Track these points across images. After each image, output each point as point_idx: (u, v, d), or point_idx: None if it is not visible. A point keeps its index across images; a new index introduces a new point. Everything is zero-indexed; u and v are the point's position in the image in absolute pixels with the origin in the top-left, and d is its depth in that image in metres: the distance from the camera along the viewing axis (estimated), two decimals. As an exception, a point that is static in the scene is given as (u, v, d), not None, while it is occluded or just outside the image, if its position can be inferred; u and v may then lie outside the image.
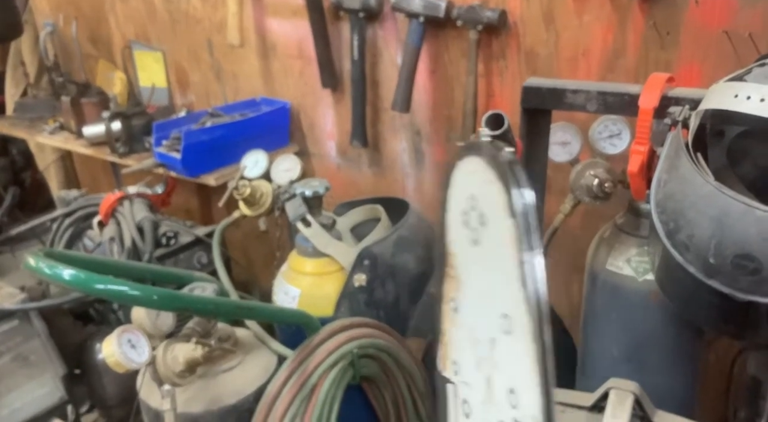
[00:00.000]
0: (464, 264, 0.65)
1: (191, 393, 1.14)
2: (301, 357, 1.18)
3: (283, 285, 1.37)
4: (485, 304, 0.61)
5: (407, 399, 1.34)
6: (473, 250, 0.61)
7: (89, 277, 0.90)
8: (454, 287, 0.68)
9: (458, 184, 0.62)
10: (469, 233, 0.61)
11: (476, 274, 0.63)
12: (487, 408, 0.63)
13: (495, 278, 0.58)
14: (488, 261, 0.59)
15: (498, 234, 0.57)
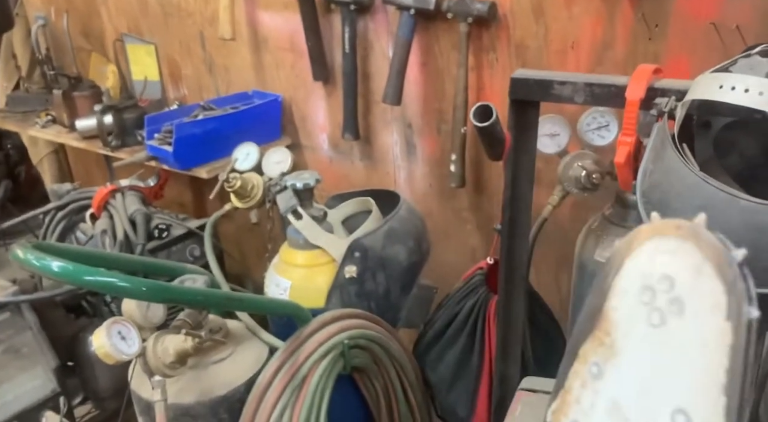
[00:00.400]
0: (627, 339, 0.59)
1: (182, 384, 1.15)
2: (291, 348, 1.19)
3: (274, 277, 1.38)
4: (651, 389, 0.56)
5: (398, 388, 1.35)
6: (649, 331, 0.56)
7: (78, 269, 0.90)
8: (602, 354, 0.62)
9: (647, 256, 0.56)
10: (649, 312, 0.56)
11: (644, 355, 0.57)
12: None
13: (677, 370, 0.54)
14: (671, 351, 0.54)
15: (700, 331, 0.52)
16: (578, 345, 0.65)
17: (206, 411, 1.13)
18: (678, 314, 0.53)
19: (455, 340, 1.35)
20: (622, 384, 0.58)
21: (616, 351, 0.60)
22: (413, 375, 1.39)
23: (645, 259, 0.55)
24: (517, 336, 1.24)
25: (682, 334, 0.53)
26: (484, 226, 1.68)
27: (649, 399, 0.55)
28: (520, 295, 1.21)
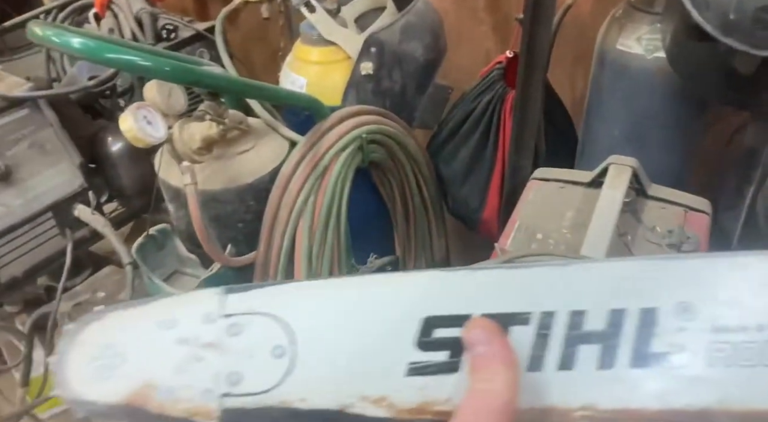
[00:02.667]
0: None
1: (209, 172, 1.19)
2: (312, 141, 1.21)
3: (289, 76, 1.37)
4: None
5: (412, 183, 1.41)
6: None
7: (100, 45, 0.89)
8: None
9: None
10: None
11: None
12: None
13: None
14: None
15: None
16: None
17: (234, 197, 1.19)
18: None
19: (470, 136, 1.38)
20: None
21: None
22: (428, 172, 1.44)
23: None
24: (532, 129, 1.26)
25: None
26: (500, 28, 1.63)
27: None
28: (539, 88, 1.21)
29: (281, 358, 0.40)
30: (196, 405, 0.40)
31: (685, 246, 1.07)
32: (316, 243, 1.19)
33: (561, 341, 0.37)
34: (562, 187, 1.19)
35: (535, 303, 0.38)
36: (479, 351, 0.36)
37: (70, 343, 0.42)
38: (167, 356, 0.41)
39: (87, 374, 0.41)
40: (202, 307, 0.42)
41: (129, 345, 0.42)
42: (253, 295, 0.42)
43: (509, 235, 1.12)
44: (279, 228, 1.19)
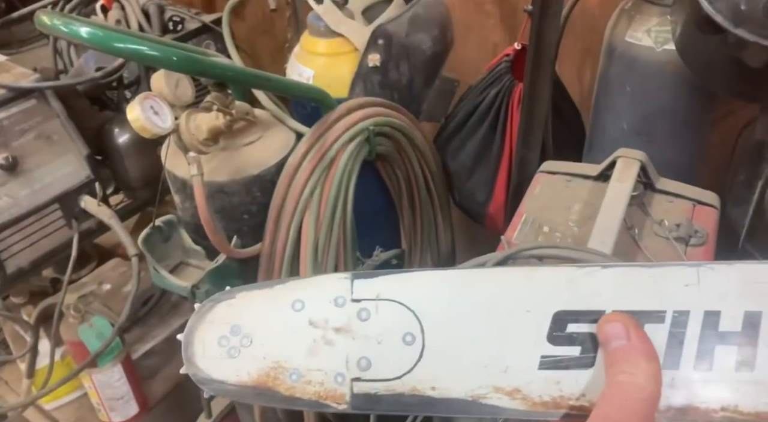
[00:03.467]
0: None
1: (216, 163, 1.19)
2: (319, 132, 1.21)
3: (297, 67, 1.36)
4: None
5: (419, 176, 1.40)
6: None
7: (108, 35, 0.89)
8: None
9: None
10: None
11: None
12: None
13: None
14: None
15: None
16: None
17: (240, 189, 1.18)
18: None
19: (477, 129, 1.38)
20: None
21: None
22: (434, 165, 1.43)
23: None
24: (540, 122, 1.26)
25: None
26: (507, 20, 1.62)
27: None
28: (547, 80, 1.21)
29: (412, 345, 0.41)
30: (327, 388, 0.41)
31: (693, 240, 1.06)
32: (322, 235, 1.19)
33: (696, 340, 0.37)
34: (570, 180, 1.19)
35: (668, 302, 0.38)
36: (617, 345, 0.36)
37: (198, 321, 0.43)
38: (298, 338, 0.42)
39: (215, 353, 0.42)
40: (331, 291, 0.42)
41: (258, 326, 0.42)
42: (380, 281, 0.42)
43: (516, 228, 1.12)
44: (285, 220, 1.19)
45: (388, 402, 0.40)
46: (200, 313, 0.43)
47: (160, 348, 1.86)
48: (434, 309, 0.41)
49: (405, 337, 0.41)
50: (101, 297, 1.62)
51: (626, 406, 0.34)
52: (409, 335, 0.41)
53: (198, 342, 0.43)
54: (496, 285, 0.41)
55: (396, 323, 0.41)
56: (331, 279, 0.43)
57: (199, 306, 0.44)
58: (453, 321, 0.41)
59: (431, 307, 0.41)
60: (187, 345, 0.43)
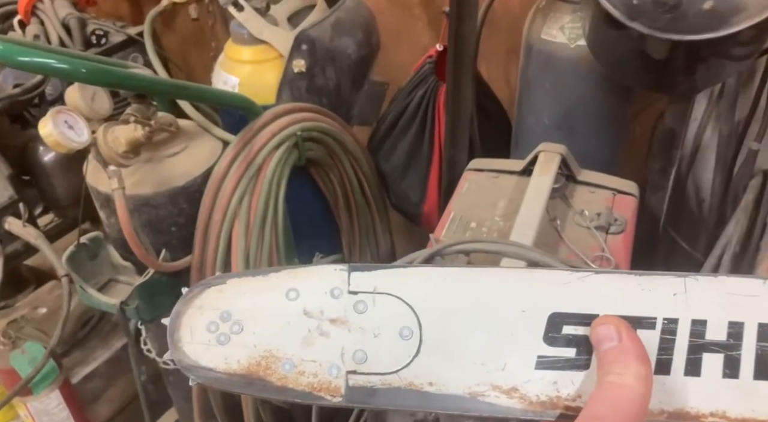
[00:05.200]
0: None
1: (139, 176, 1.17)
2: (245, 140, 1.20)
3: (221, 75, 1.35)
4: None
5: (353, 180, 1.41)
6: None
7: (11, 48, 0.86)
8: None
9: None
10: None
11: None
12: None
13: None
14: None
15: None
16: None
17: (166, 201, 1.17)
18: None
19: (407, 131, 1.39)
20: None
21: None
22: (368, 168, 1.44)
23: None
24: (465, 121, 1.27)
25: None
26: (434, 23, 1.64)
27: None
28: (468, 80, 1.23)
29: (409, 340, 0.40)
30: (321, 380, 0.40)
31: (613, 228, 1.09)
32: (253, 244, 1.18)
33: (686, 347, 0.38)
34: (496, 177, 1.21)
35: (658, 309, 0.39)
36: (609, 346, 0.37)
37: (186, 306, 0.41)
38: (292, 327, 0.40)
39: (204, 339, 0.40)
40: (328, 282, 0.41)
41: (249, 313, 0.41)
42: (378, 275, 0.42)
43: (444, 226, 1.13)
44: (213, 230, 1.17)
45: (384, 396, 0.40)
46: (188, 298, 0.42)
47: (104, 369, 1.81)
48: (432, 305, 0.41)
49: (402, 331, 0.41)
50: (35, 321, 1.57)
51: (615, 406, 0.35)
52: (406, 329, 0.41)
53: (185, 328, 0.41)
54: (493, 285, 0.41)
55: (393, 317, 0.41)
56: (327, 270, 0.42)
57: (187, 290, 0.42)
58: (451, 317, 0.41)
59: (429, 303, 0.41)
60: (173, 330, 0.41)
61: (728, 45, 0.90)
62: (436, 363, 0.40)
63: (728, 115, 1.22)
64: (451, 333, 0.41)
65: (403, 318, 0.41)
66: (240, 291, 0.42)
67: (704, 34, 0.80)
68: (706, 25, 0.79)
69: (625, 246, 1.06)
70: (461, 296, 0.41)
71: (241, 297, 0.42)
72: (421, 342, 0.41)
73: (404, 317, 0.41)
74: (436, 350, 0.40)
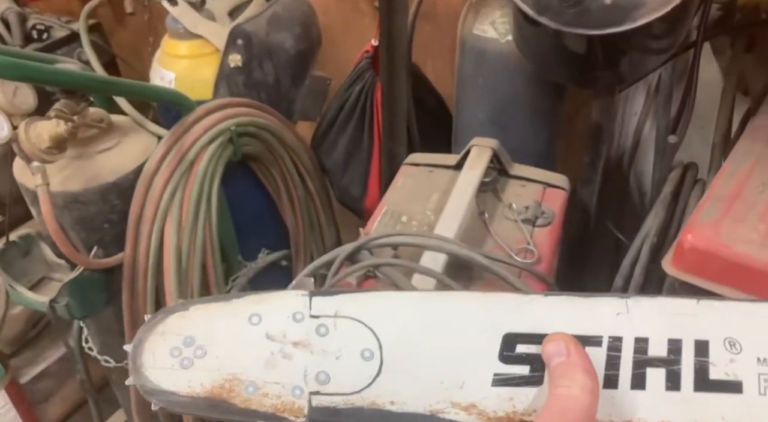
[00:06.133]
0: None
1: (69, 172, 1.16)
2: (177, 135, 1.19)
3: (158, 70, 1.34)
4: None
5: (294, 175, 1.40)
6: None
7: None
8: None
9: None
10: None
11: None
12: None
13: None
14: None
15: None
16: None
17: (96, 198, 1.16)
18: None
19: (346, 126, 1.39)
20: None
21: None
22: (309, 163, 1.43)
23: None
24: (401, 115, 1.27)
25: None
26: (381, 18, 1.64)
27: None
28: (402, 74, 1.23)
29: (370, 361, 0.42)
30: (285, 401, 0.41)
31: (540, 220, 1.10)
32: (186, 240, 1.18)
33: (630, 363, 0.41)
34: (431, 171, 1.21)
35: (603, 328, 0.41)
36: (558, 361, 0.39)
37: (148, 332, 0.42)
38: (255, 350, 0.41)
39: (167, 363, 0.41)
40: (290, 306, 0.43)
41: (212, 337, 0.42)
42: (339, 299, 0.43)
43: (376, 220, 1.13)
44: (145, 227, 1.17)
45: (346, 415, 0.41)
46: (150, 324, 0.43)
47: (55, 369, 1.80)
48: (392, 327, 0.43)
49: (363, 353, 0.42)
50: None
51: (562, 416, 0.37)
52: (367, 351, 0.42)
53: (147, 353, 0.42)
54: (450, 307, 0.43)
55: (354, 339, 0.42)
56: (289, 295, 0.43)
57: (149, 317, 0.43)
58: (410, 339, 0.42)
59: (389, 326, 0.43)
60: (135, 355, 0.42)
61: (642, 38, 0.91)
62: (397, 383, 0.42)
63: (664, 110, 1.23)
64: (411, 353, 0.42)
65: (364, 340, 0.42)
66: (203, 316, 0.43)
67: (609, 29, 0.80)
68: (609, 20, 0.79)
69: (551, 239, 1.07)
70: (420, 318, 0.43)
71: (204, 322, 0.43)
72: (382, 362, 0.42)
73: (365, 339, 0.42)
74: (397, 370, 0.42)
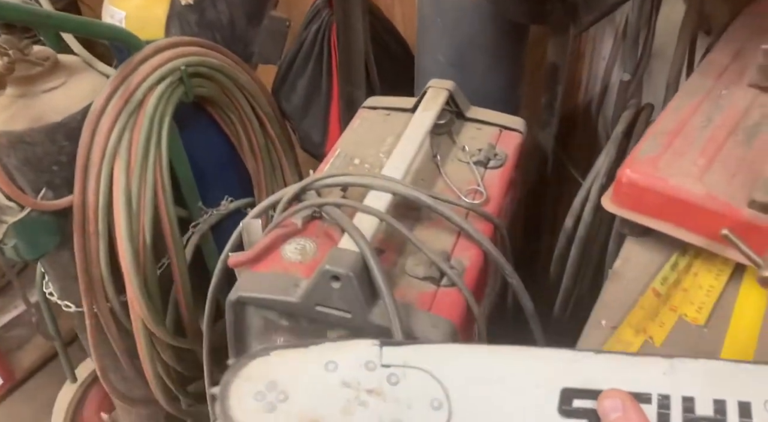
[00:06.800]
0: None
1: (13, 111, 1.12)
2: (124, 74, 1.16)
3: (108, 8, 1.30)
4: None
5: (253, 120, 1.37)
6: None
7: None
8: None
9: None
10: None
11: None
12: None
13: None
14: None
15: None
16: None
17: (42, 138, 1.12)
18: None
19: (305, 68, 1.35)
20: None
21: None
22: (268, 107, 1.40)
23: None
24: (358, 57, 1.24)
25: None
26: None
27: None
28: (357, 12, 1.19)
29: (439, 410, 0.44)
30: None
31: (492, 162, 1.08)
32: (135, 183, 1.15)
33: (680, 420, 0.43)
34: (388, 114, 1.18)
35: (652, 386, 0.44)
36: (615, 416, 0.41)
37: (233, 376, 0.45)
38: (333, 397, 0.44)
39: (251, 407, 0.44)
40: (362, 355, 0.46)
41: (293, 383, 0.45)
42: (407, 350, 0.46)
43: (328, 162, 1.11)
44: (93, 169, 1.14)
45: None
46: (235, 368, 0.45)
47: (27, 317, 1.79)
48: (457, 379, 0.45)
49: (433, 403, 0.44)
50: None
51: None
52: (436, 401, 0.44)
53: (233, 396, 0.44)
54: (510, 362, 0.46)
55: (423, 388, 0.44)
56: (362, 344, 0.46)
57: (233, 361, 0.46)
58: (475, 391, 0.44)
59: (454, 378, 0.45)
60: (222, 398, 0.44)
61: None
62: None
63: (631, 52, 1.20)
64: (477, 405, 0.44)
65: (432, 390, 0.44)
66: (283, 362, 0.45)
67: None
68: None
69: (501, 180, 1.06)
70: (483, 371, 0.45)
71: (285, 367, 0.45)
72: (450, 413, 0.44)
73: (433, 389, 0.44)
74: (465, 420, 0.44)
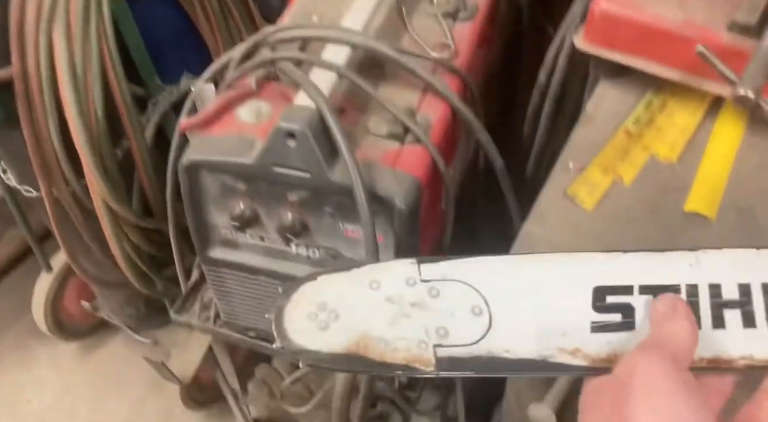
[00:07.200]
0: None
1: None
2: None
3: None
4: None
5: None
6: None
7: None
8: None
9: None
10: None
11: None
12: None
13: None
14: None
15: None
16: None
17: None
18: None
19: None
20: None
21: None
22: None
23: None
24: None
25: None
26: None
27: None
28: None
29: (480, 316, 0.47)
30: (413, 354, 0.46)
31: (462, 14, 1.01)
32: (78, 52, 1.06)
33: (708, 307, 0.46)
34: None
35: (680, 277, 0.47)
36: (666, 311, 0.45)
37: (285, 301, 0.48)
38: (379, 312, 0.47)
39: (306, 327, 0.47)
40: (402, 273, 0.48)
41: (342, 303, 0.48)
42: (444, 266, 0.49)
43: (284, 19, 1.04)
44: (30, 37, 1.05)
45: (468, 363, 0.46)
46: (286, 294, 0.48)
47: (0, 210, 1.74)
48: (494, 286, 0.48)
49: (474, 309, 0.47)
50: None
51: (663, 349, 0.42)
52: (476, 308, 0.47)
53: (288, 319, 0.47)
54: (542, 266, 0.49)
55: (463, 298, 0.47)
56: (401, 263, 0.49)
57: (283, 287, 0.49)
58: (512, 296, 0.47)
59: (491, 285, 0.48)
60: (277, 322, 0.47)
61: None
62: (508, 334, 0.46)
63: None
64: (516, 308, 0.47)
65: (471, 298, 0.47)
66: (330, 285, 0.49)
67: None
68: None
69: (472, 34, 0.98)
70: (518, 278, 0.48)
71: (333, 289, 0.48)
72: (491, 317, 0.47)
73: (472, 298, 0.47)
74: (506, 323, 0.47)
